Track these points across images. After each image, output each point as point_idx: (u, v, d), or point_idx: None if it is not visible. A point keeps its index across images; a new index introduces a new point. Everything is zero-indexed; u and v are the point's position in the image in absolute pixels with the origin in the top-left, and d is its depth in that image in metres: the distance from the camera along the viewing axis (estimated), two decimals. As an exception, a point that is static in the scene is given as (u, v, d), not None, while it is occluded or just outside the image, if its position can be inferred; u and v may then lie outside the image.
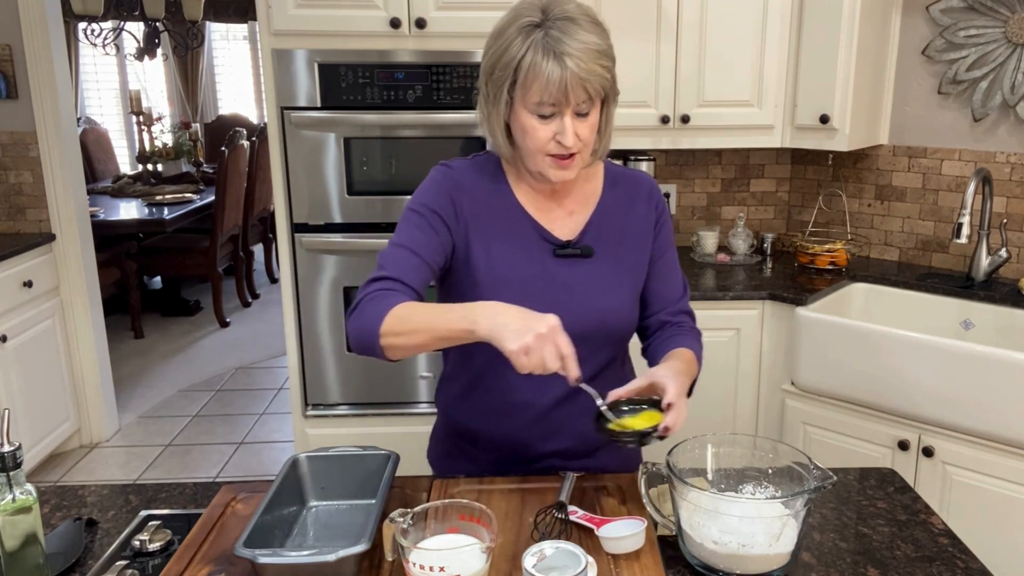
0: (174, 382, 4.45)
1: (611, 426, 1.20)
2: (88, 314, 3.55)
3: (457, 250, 1.35)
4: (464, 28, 2.46)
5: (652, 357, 1.44)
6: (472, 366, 1.41)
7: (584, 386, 1.18)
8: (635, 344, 1.50)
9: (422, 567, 0.98)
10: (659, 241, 1.43)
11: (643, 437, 1.18)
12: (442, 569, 0.97)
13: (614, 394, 1.24)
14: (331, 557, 1.00)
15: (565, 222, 1.39)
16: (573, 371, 1.13)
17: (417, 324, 1.18)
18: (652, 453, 1.46)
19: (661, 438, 1.18)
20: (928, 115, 2.71)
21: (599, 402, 1.21)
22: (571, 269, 1.36)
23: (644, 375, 1.26)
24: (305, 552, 1.03)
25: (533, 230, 1.37)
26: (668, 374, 1.24)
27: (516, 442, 1.41)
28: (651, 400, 1.24)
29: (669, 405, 1.19)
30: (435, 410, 2.69)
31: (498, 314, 1.13)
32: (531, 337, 1.08)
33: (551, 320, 1.11)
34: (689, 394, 1.37)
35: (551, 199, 1.39)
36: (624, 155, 2.83)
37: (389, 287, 1.25)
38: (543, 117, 1.24)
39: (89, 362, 3.60)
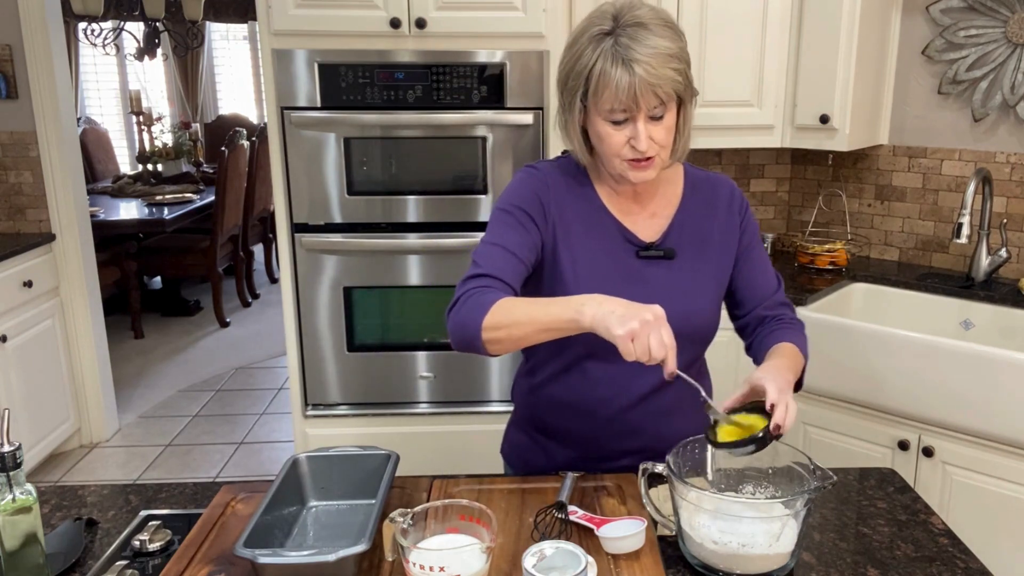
0: (174, 382, 4.45)
1: (718, 438, 1.18)
2: (88, 314, 3.55)
3: (545, 248, 1.37)
4: (464, 28, 2.46)
5: (755, 355, 1.44)
6: (557, 361, 1.42)
7: (682, 374, 1.16)
8: (713, 349, 1.49)
9: (422, 567, 0.98)
10: (745, 239, 1.44)
11: (755, 443, 1.14)
12: (442, 569, 0.97)
13: (720, 407, 1.23)
14: (331, 557, 1.00)
15: (648, 224, 1.40)
16: (671, 364, 1.12)
17: (520, 316, 1.19)
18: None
19: (776, 438, 1.16)
20: (928, 115, 2.71)
21: (703, 394, 1.20)
22: (654, 270, 1.38)
23: (745, 382, 1.26)
24: (305, 552, 1.03)
25: (617, 231, 1.38)
26: (766, 375, 1.22)
27: (593, 439, 1.42)
28: (754, 405, 1.22)
29: (772, 406, 1.17)
30: (434, 410, 2.73)
31: (603, 302, 1.14)
32: (637, 323, 1.09)
33: (656, 309, 1.12)
34: (798, 387, 1.38)
35: (633, 201, 1.41)
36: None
37: (487, 284, 1.26)
38: (616, 123, 1.26)
39: (89, 362, 3.60)
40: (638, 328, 1.09)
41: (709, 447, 1.23)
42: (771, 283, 1.47)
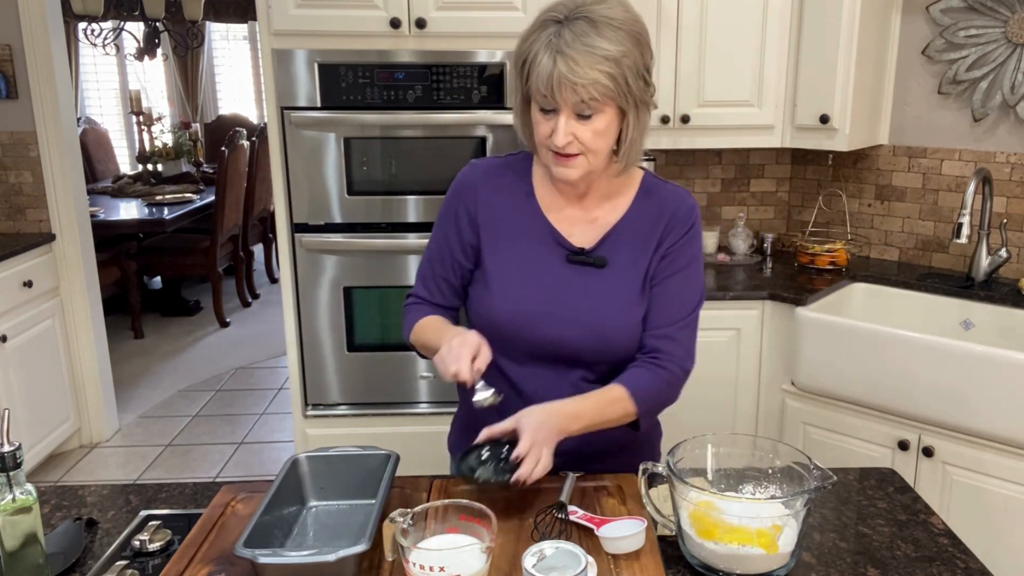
0: (174, 382, 4.45)
1: (471, 471, 1.23)
2: (88, 314, 3.55)
3: (476, 249, 1.40)
4: (464, 28, 2.46)
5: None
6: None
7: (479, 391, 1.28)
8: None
9: (422, 567, 0.98)
10: (665, 264, 1.36)
11: (495, 480, 1.21)
12: (442, 569, 0.97)
13: (485, 433, 1.24)
14: (331, 557, 1.00)
15: (586, 229, 1.37)
16: (461, 373, 1.24)
17: (422, 340, 1.42)
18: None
19: (519, 484, 1.19)
20: (928, 115, 2.71)
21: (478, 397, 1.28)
22: (582, 278, 1.35)
23: (514, 418, 1.24)
24: (305, 552, 1.03)
25: (548, 234, 1.37)
26: (532, 423, 1.21)
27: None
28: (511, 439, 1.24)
29: (519, 456, 1.19)
30: (434, 410, 2.73)
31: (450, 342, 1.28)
32: (444, 350, 1.26)
33: (464, 337, 1.27)
34: (636, 427, 1.35)
35: (577, 205, 1.38)
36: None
37: (414, 303, 1.47)
38: (545, 112, 1.26)
39: (89, 362, 3.60)
40: (445, 354, 1.28)
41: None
42: (670, 313, 1.36)
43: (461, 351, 1.24)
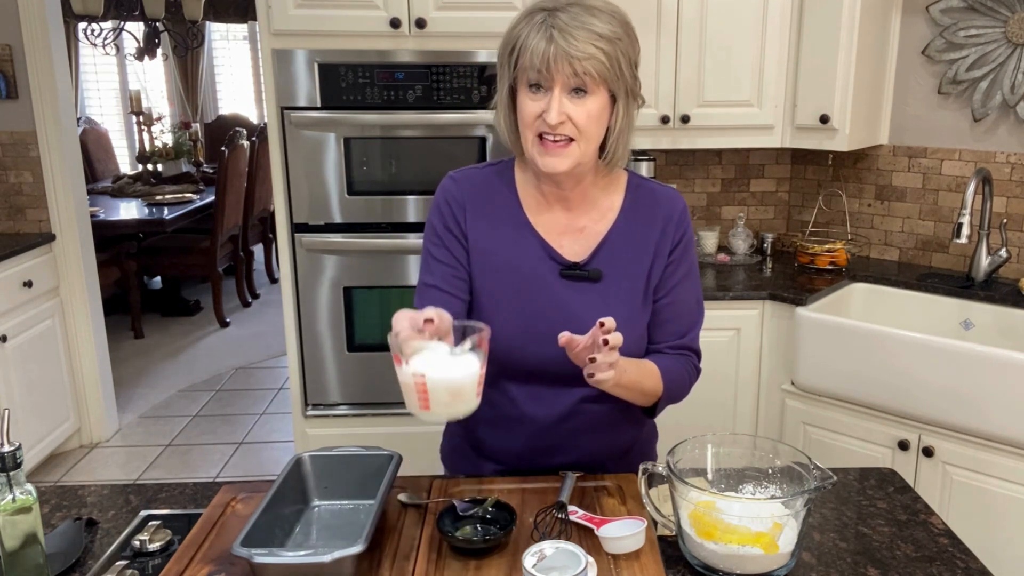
0: (174, 382, 4.45)
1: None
2: (88, 314, 3.55)
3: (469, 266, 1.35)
4: (464, 28, 2.46)
5: None
6: None
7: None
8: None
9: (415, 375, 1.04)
10: (671, 271, 1.34)
11: (476, 538, 1.17)
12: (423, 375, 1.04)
13: (565, 337, 1.13)
14: (327, 558, 1.00)
15: (576, 240, 1.32)
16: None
17: None
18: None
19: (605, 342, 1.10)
20: (928, 115, 2.71)
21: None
22: (578, 293, 1.31)
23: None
24: (301, 552, 1.03)
25: (540, 248, 1.32)
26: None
27: (517, 455, 1.40)
28: None
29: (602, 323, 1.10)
30: (435, 410, 2.72)
31: None
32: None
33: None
34: (653, 413, 1.37)
35: (563, 213, 1.33)
36: (624, 155, 2.82)
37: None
38: (535, 91, 1.22)
39: (89, 362, 3.60)
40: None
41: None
42: (683, 325, 1.37)
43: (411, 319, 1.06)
